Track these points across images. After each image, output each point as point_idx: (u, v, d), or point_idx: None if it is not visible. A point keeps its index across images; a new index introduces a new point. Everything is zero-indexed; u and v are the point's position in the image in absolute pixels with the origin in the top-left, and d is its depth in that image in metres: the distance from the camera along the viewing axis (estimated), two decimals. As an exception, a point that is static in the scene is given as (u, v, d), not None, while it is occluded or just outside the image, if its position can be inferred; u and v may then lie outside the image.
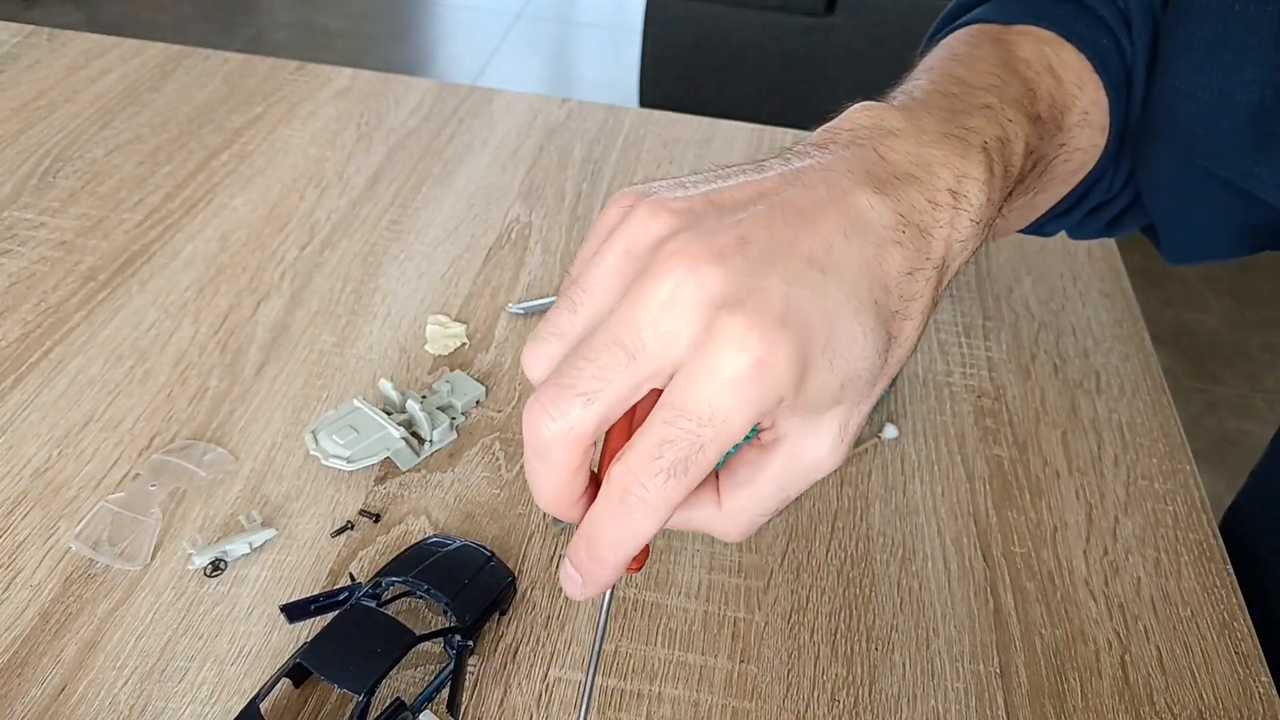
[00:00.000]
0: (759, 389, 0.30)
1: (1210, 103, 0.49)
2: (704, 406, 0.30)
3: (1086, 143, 0.52)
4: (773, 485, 0.35)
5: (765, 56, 2.28)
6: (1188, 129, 0.51)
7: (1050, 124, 0.48)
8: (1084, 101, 0.51)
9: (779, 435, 0.35)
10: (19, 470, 0.55)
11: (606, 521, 0.32)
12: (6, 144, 0.79)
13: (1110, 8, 0.53)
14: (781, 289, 0.31)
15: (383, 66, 2.61)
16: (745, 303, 0.30)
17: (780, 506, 0.36)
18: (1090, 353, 0.70)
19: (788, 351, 0.30)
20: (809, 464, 0.35)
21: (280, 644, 0.48)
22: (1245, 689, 0.51)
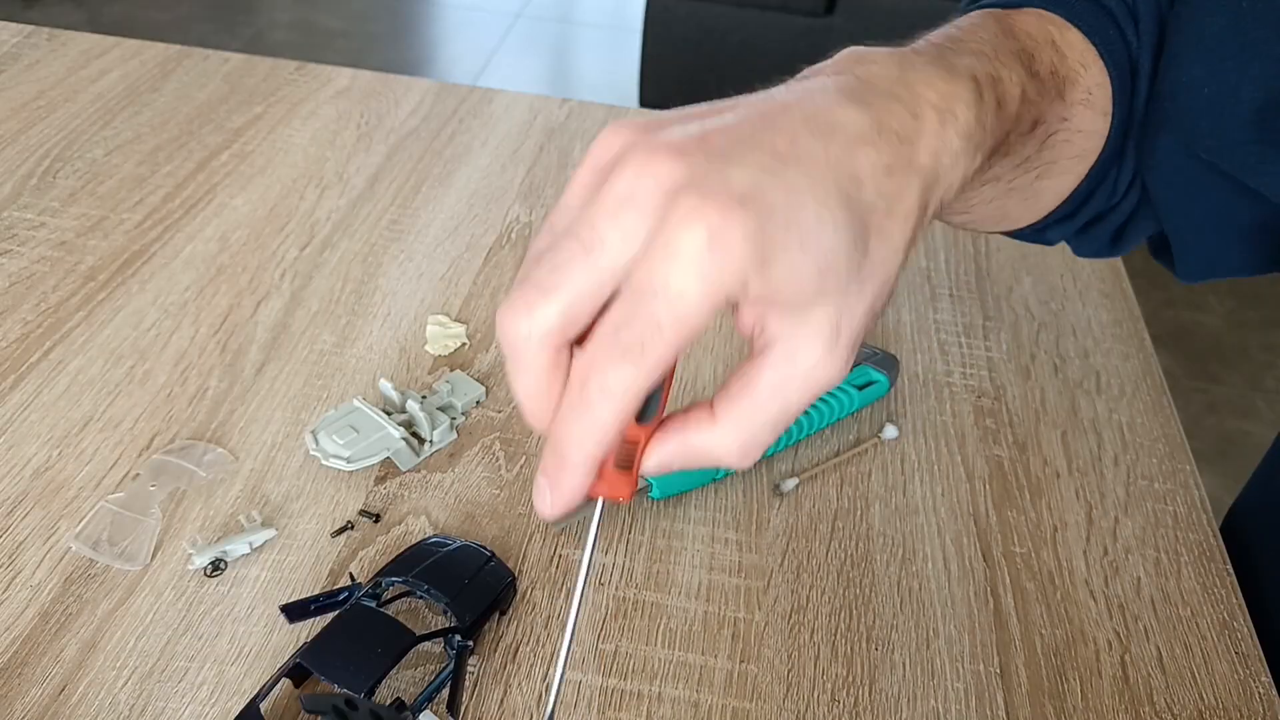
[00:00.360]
0: (715, 263, 0.29)
1: (1215, 97, 0.49)
2: (659, 281, 0.30)
3: (1089, 125, 0.52)
4: (767, 392, 0.33)
5: (765, 56, 2.28)
6: (1192, 122, 0.51)
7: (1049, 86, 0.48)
8: (1087, 81, 0.51)
9: (769, 339, 0.33)
10: (19, 470, 0.55)
11: (568, 416, 0.32)
12: (6, 144, 0.79)
13: (1118, 2, 0.53)
14: (741, 173, 0.30)
15: (383, 66, 2.61)
16: (702, 184, 0.30)
17: (780, 421, 0.33)
18: (1090, 353, 0.70)
19: (744, 227, 0.30)
20: (804, 369, 0.33)
21: (280, 644, 0.48)
22: (1245, 689, 0.51)
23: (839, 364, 0.33)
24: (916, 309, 0.72)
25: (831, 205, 0.32)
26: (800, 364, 0.33)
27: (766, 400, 0.33)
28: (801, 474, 0.59)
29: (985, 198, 0.52)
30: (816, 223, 0.31)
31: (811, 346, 0.33)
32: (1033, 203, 0.55)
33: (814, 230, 0.31)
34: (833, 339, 0.33)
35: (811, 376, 0.33)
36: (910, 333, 0.70)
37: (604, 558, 0.54)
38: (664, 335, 0.30)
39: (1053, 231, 0.58)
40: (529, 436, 0.60)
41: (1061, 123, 0.50)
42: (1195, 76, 0.50)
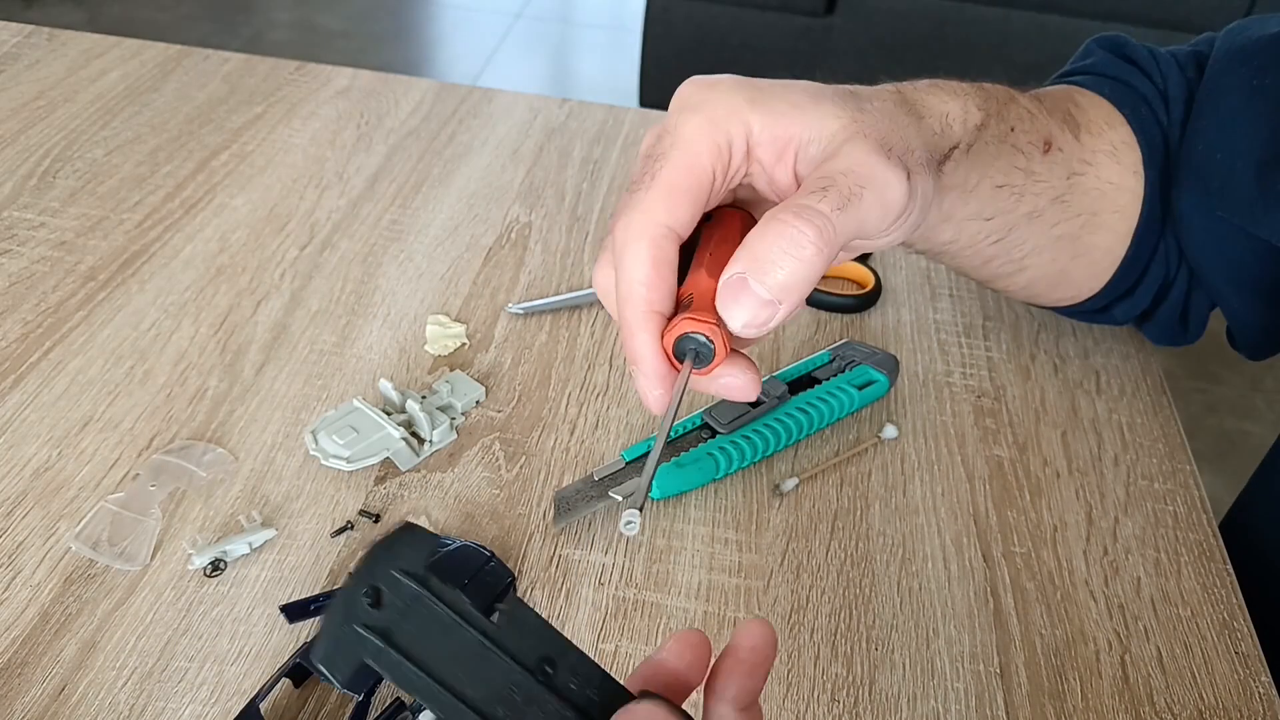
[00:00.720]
0: (709, 97, 0.39)
1: (1226, 160, 0.57)
2: (665, 125, 0.39)
3: (1120, 180, 0.58)
4: (835, 170, 0.37)
5: (765, 56, 2.28)
6: (1207, 182, 0.58)
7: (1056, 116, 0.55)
8: (1111, 137, 0.58)
9: (813, 164, 0.39)
10: (19, 470, 0.55)
11: (617, 280, 0.37)
12: (6, 144, 0.79)
13: (1149, 85, 0.60)
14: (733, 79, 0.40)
15: (383, 66, 2.61)
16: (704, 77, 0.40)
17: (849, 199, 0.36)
18: (1090, 353, 0.70)
19: (731, 80, 0.39)
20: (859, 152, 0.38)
21: (280, 644, 0.48)
22: (1245, 689, 0.51)
23: (873, 150, 0.37)
24: (916, 309, 0.72)
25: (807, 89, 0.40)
26: (853, 149, 0.37)
27: (814, 177, 0.37)
28: (801, 474, 0.59)
29: (1035, 242, 0.57)
30: (794, 88, 0.39)
31: (849, 140, 0.38)
32: (1086, 262, 0.61)
33: (799, 94, 0.39)
34: (862, 134, 0.38)
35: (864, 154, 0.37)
36: (910, 333, 0.70)
37: (604, 558, 0.54)
38: (665, 160, 0.36)
39: (1118, 310, 0.65)
40: (529, 436, 0.60)
41: (1084, 165, 0.57)
42: (1211, 143, 0.58)
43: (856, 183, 0.36)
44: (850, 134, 0.38)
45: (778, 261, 0.34)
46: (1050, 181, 0.54)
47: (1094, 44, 0.65)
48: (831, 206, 0.35)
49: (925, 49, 2.19)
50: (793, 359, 0.66)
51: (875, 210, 0.36)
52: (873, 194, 0.36)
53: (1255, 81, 0.56)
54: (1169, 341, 0.67)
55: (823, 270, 0.35)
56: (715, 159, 0.37)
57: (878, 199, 0.36)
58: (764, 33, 2.25)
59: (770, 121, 0.38)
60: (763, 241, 0.34)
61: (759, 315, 0.35)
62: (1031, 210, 0.54)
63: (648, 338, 0.36)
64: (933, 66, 1.92)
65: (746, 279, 0.34)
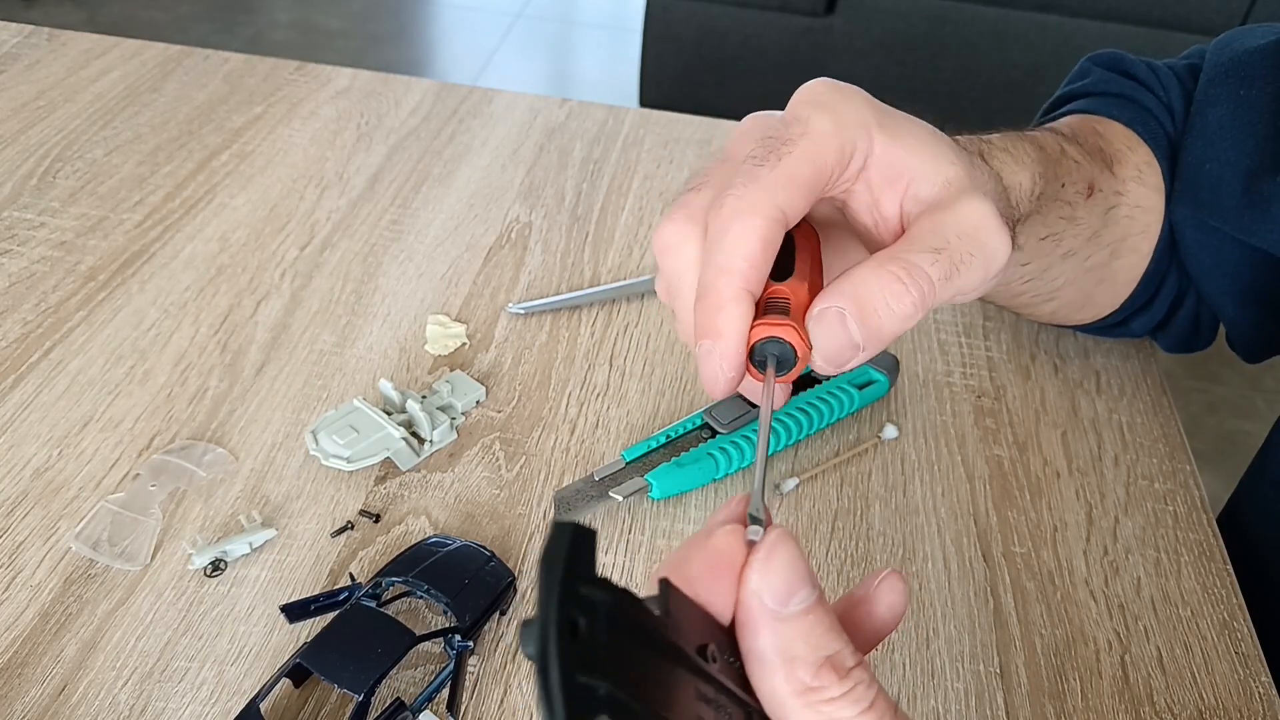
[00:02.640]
0: (841, 99, 0.37)
1: (1215, 171, 0.58)
2: (791, 114, 0.37)
3: (1146, 201, 0.60)
4: (948, 227, 0.36)
5: (765, 56, 2.28)
6: (1196, 193, 0.59)
7: (1096, 157, 0.56)
8: (1135, 159, 0.59)
9: (925, 200, 0.37)
10: (19, 470, 0.55)
11: (708, 254, 0.35)
12: (6, 144, 0.79)
13: (1153, 99, 0.61)
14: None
15: (383, 66, 2.61)
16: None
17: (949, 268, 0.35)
18: (1090, 353, 0.70)
19: (865, 95, 0.37)
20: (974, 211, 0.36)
21: (280, 644, 0.48)
22: (1245, 689, 0.51)
23: (991, 213, 0.36)
24: (916, 309, 0.72)
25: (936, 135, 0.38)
26: (970, 206, 0.36)
27: (925, 229, 0.36)
28: (801, 474, 0.59)
29: (1068, 276, 0.58)
30: (915, 121, 0.38)
31: (968, 197, 0.36)
32: (1110, 285, 0.62)
33: (922, 129, 0.38)
34: (983, 195, 0.37)
35: (981, 220, 0.36)
36: (910, 333, 0.70)
37: (604, 557, 0.54)
38: (793, 147, 0.35)
39: (1136, 323, 0.65)
40: (529, 436, 0.60)
41: (1118, 196, 0.58)
42: (1200, 154, 0.59)
43: (968, 249, 0.35)
44: (965, 187, 0.37)
45: (878, 312, 0.34)
46: (1089, 222, 0.55)
47: (1089, 62, 0.66)
48: (940, 274, 0.34)
49: (925, 49, 2.19)
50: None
51: (977, 275, 0.36)
52: (980, 260, 0.35)
53: (1242, 93, 0.58)
54: (1183, 349, 0.67)
55: (911, 327, 0.35)
56: (838, 162, 0.36)
57: (982, 264, 0.36)
58: (764, 33, 2.26)
59: (893, 146, 0.37)
60: (869, 287, 0.34)
61: (843, 354, 0.34)
62: (1068, 250, 0.55)
63: (739, 313, 0.34)
64: (933, 66, 1.94)
65: (845, 316, 0.33)
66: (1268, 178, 0.56)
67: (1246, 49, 0.59)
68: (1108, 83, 0.63)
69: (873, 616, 0.31)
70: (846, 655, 0.27)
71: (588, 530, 0.22)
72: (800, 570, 0.28)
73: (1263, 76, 0.57)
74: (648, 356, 0.66)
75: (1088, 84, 0.64)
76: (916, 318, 0.34)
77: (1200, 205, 0.59)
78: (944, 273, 0.34)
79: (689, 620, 0.26)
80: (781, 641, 0.27)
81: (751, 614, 0.27)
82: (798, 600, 0.27)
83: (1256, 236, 0.57)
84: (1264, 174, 0.56)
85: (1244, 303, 0.62)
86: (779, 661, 0.27)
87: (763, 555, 0.28)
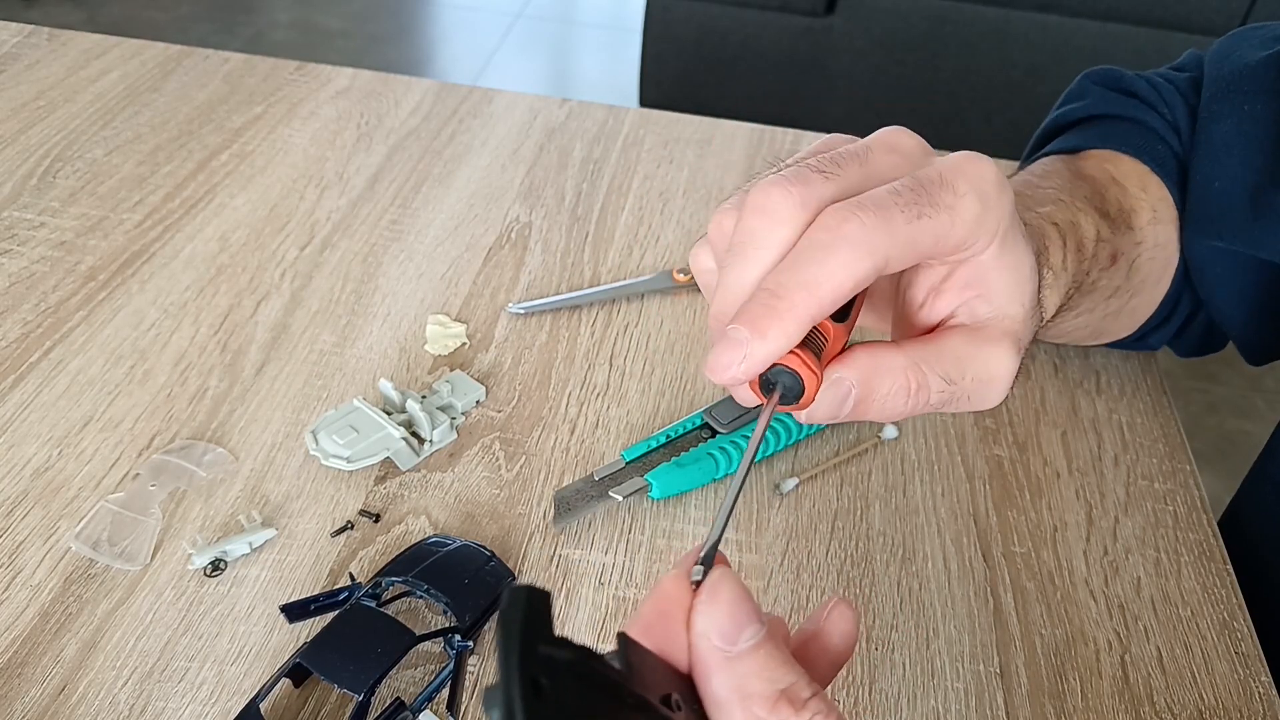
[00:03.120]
0: (992, 180, 0.35)
1: (1222, 188, 0.58)
2: (945, 170, 0.34)
3: (1164, 238, 0.60)
4: (958, 348, 0.36)
5: (765, 56, 2.28)
6: (1204, 211, 0.59)
7: (1120, 223, 0.56)
8: (1150, 200, 0.59)
9: (972, 318, 0.37)
10: (19, 470, 0.55)
11: (801, 258, 0.32)
12: (6, 144, 0.79)
13: (1158, 118, 0.61)
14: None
15: (383, 66, 2.61)
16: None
17: (947, 381, 0.36)
18: (1090, 353, 0.70)
19: (1005, 180, 0.36)
20: (993, 356, 0.36)
21: (280, 644, 0.48)
22: (1245, 689, 0.51)
23: (1011, 373, 0.36)
24: (916, 309, 0.72)
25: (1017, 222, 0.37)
26: (991, 353, 0.36)
27: (954, 353, 0.36)
28: (801, 474, 0.59)
29: (1081, 325, 0.59)
30: (1028, 250, 0.37)
31: (1003, 347, 0.36)
32: (1128, 320, 0.63)
33: (1027, 259, 0.37)
34: (1016, 350, 0.36)
35: (996, 368, 0.36)
36: (910, 333, 0.70)
37: (604, 557, 0.54)
38: (934, 217, 0.33)
39: (1153, 338, 0.66)
40: (529, 436, 0.60)
41: (1137, 247, 0.58)
42: (1207, 173, 0.59)
43: (971, 393, 0.36)
44: (1010, 333, 0.36)
45: (874, 400, 0.34)
46: (1109, 286, 0.56)
47: (1087, 80, 0.65)
48: (939, 402, 0.35)
49: (925, 49, 2.19)
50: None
51: (961, 409, 0.37)
52: (972, 405, 0.37)
53: (1246, 107, 0.58)
54: (1197, 354, 0.68)
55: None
56: (954, 250, 0.35)
57: (971, 407, 0.37)
58: (764, 33, 2.25)
59: (996, 262, 0.35)
60: (882, 379, 0.34)
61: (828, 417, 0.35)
62: (1088, 307, 0.56)
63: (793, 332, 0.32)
64: (933, 66, 1.94)
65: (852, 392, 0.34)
66: (1275, 190, 0.56)
67: (1247, 63, 0.59)
68: (1109, 103, 0.62)
69: (827, 649, 0.31)
70: (802, 686, 0.27)
71: (542, 592, 0.23)
72: (746, 607, 0.28)
73: (1265, 90, 0.57)
74: (648, 356, 0.66)
75: (1087, 105, 0.63)
76: (908, 413, 0.35)
77: (1210, 225, 0.59)
78: (942, 402, 0.36)
79: (650, 671, 0.26)
80: (735, 680, 0.27)
81: (702, 656, 0.27)
82: (746, 637, 0.27)
83: (1265, 249, 0.57)
84: (1271, 187, 0.56)
85: (1251, 313, 0.62)
86: (735, 700, 0.27)
87: (705, 596, 0.28)
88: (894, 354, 0.35)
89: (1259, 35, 0.60)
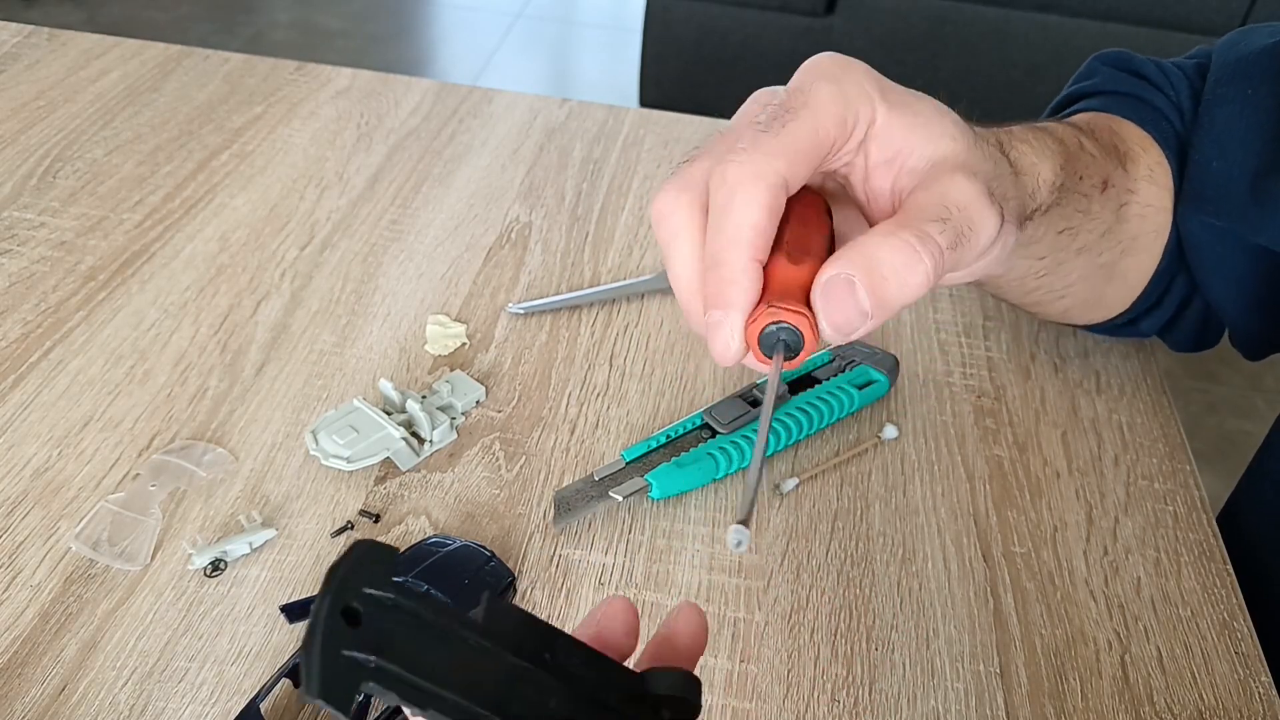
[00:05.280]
0: (844, 70, 0.37)
1: (1222, 169, 0.58)
2: (794, 84, 0.37)
3: (1158, 201, 0.60)
4: (943, 194, 0.36)
5: (765, 56, 2.28)
6: (1202, 191, 0.59)
7: (1112, 153, 0.57)
8: (1148, 160, 0.60)
9: (923, 175, 0.38)
10: (19, 470, 0.55)
11: (715, 224, 0.35)
12: (6, 144, 0.79)
13: (1162, 98, 0.62)
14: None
15: (383, 66, 2.61)
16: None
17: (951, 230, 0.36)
18: (1090, 353, 0.70)
19: (868, 68, 0.38)
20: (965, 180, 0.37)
21: (280, 644, 0.48)
22: (1245, 689, 0.51)
23: (980, 194, 0.36)
24: (916, 309, 0.72)
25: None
26: (961, 177, 0.36)
27: (921, 202, 0.36)
28: (801, 474, 0.59)
29: (1081, 272, 0.59)
30: (922, 97, 0.39)
31: (958, 179, 0.36)
32: (1121, 283, 0.62)
33: (926, 103, 0.39)
34: (972, 177, 0.37)
35: (974, 194, 0.36)
36: (910, 333, 0.70)
37: (604, 558, 0.54)
38: (795, 116, 0.35)
39: (1145, 322, 0.66)
40: (529, 436, 0.60)
41: (1130, 194, 0.58)
42: (1207, 154, 0.59)
43: (968, 223, 0.35)
44: (960, 164, 0.37)
45: (890, 279, 0.33)
46: (1103, 217, 0.56)
47: (1097, 61, 0.66)
48: (947, 243, 0.34)
49: (925, 49, 2.19)
50: (793, 359, 0.66)
51: (972, 254, 0.36)
52: (975, 237, 0.36)
53: (1250, 92, 0.58)
54: (1190, 348, 0.68)
55: (916, 300, 0.35)
56: (839, 132, 0.36)
57: (975, 242, 0.36)
58: (764, 33, 2.25)
59: (895, 118, 0.37)
60: (882, 253, 0.33)
61: (851, 323, 0.34)
62: (1082, 246, 0.56)
63: (749, 285, 0.34)
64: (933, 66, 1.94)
65: (855, 284, 0.33)
66: (1275, 176, 0.56)
67: (1254, 48, 0.59)
68: (1117, 82, 0.63)
69: (678, 649, 0.31)
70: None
71: (385, 547, 0.25)
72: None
73: (1271, 76, 0.57)
74: (648, 356, 0.66)
75: (1096, 83, 0.64)
76: (926, 288, 0.34)
77: (1206, 204, 0.59)
78: (951, 241, 0.35)
79: (512, 628, 0.28)
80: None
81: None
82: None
83: (1262, 235, 0.58)
84: (1271, 173, 0.56)
85: (1247, 301, 0.62)
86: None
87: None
88: (879, 231, 0.34)
89: (1270, 28, 0.60)
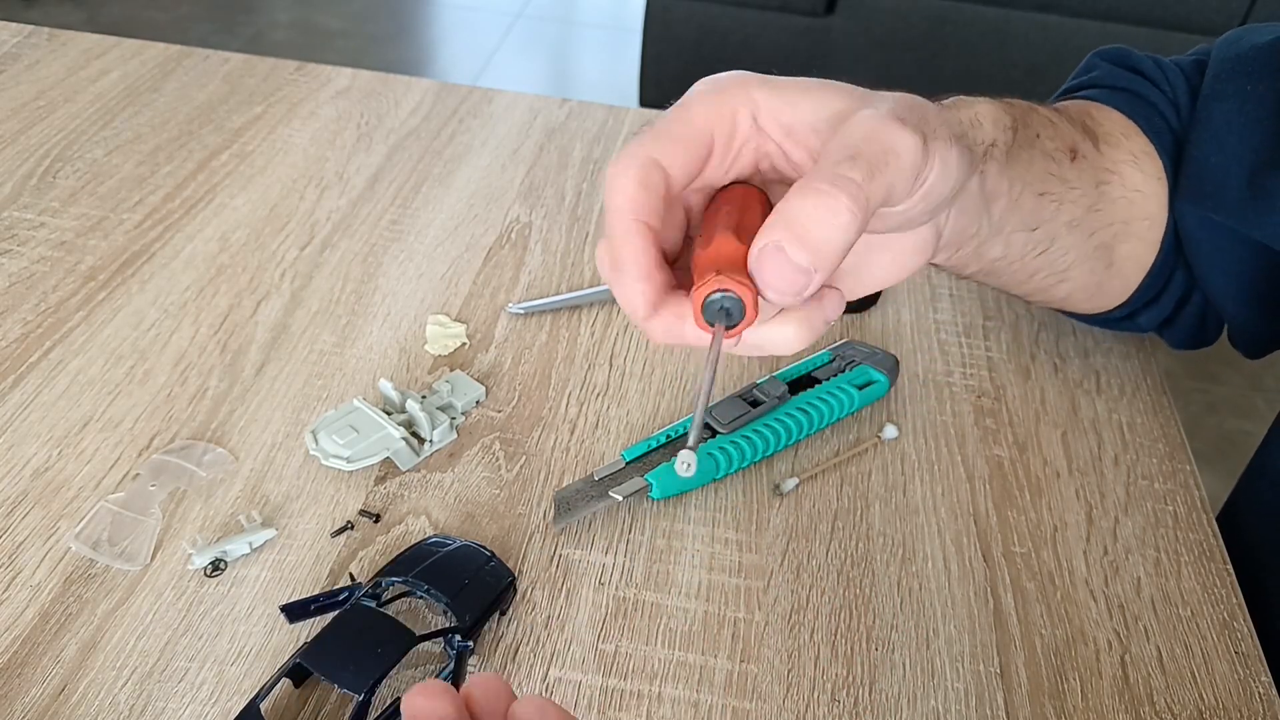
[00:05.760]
0: (719, 79, 0.40)
1: (1220, 164, 0.58)
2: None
3: (1146, 187, 0.60)
4: (852, 133, 0.37)
5: (765, 56, 2.28)
6: (1200, 186, 0.59)
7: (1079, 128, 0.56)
8: (1131, 146, 0.60)
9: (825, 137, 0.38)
10: (19, 470, 0.55)
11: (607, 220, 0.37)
12: (6, 144, 0.79)
13: (1159, 94, 0.62)
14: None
15: (383, 66, 2.61)
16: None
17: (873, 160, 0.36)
18: (1090, 353, 0.70)
19: (740, 72, 0.40)
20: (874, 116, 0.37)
21: (280, 644, 0.48)
22: (1245, 689, 0.51)
23: (882, 117, 0.37)
24: (916, 309, 0.72)
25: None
26: (868, 115, 0.37)
27: (829, 150, 0.36)
28: (801, 474, 0.59)
29: (1077, 251, 0.59)
30: (804, 79, 0.40)
31: (866, 111, 0.37)
32: (1118, 272, 0.62)
33: (806, 80, 0.40)
34: (861, 102, 0.38)
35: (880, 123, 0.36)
36: (910, 333, 0.70)
37: (604, 558, 0.54)
38: (662, 118, 0.38)
39: (1143, 317, 0.66)
40: (529, 436, 0.60)
41: (1109, 174, 0.58)
42: (1206, 149, 0.59)
43: (879, 151, 0.35)
44: (858, 108, 0.38)
45: (813, 229, 0.34)
46: (1083, 189, 0.56)
47: (1096, 57, 0.66)
48: (863, 175, 0.35)
49: (925, 49, 2.19)
50: (793, 359, 0.66)
51: (903, 178, 0.36)
52: (895, 161, 0.36)
53: (1249, 88, 0.58)
54: (1189, 345, 0.68)
55: (856, 239, 0.34)
56: (715, 121, 0.38)
57: (899, 165, 0.36)
58: (764, 33, 2.25)
59: (776, 97, 0.38)
60: (799, 209, 0.34)
61: (795, 283, 0.34)
62: (1071, 219, 0.56)
63: (638, 242, 0.36)
64: (933, 66, 1.94)
65: (783, 247, 0.34)
66: (1272, 172, 0.56)
67: (1254, 45, 0.59)
68: (1114, 77, 0.63)
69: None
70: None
71: None
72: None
73: (1270, 72, 0.57)
74: (648, 356, 0.66)
75: (1094, 78, 0.64)
76: (856, 224, 0.34)
77: (1204, 199, 0.59)
78: (865, 172, 0.35)
79: None
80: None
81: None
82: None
83: (1260, 231, 0.58)
84: (1269, 168, 0.56)
85: (1246, 298, 0.62)
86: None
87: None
88: (792, 190, 0.35)
89: (1270, 26, 0.60)
